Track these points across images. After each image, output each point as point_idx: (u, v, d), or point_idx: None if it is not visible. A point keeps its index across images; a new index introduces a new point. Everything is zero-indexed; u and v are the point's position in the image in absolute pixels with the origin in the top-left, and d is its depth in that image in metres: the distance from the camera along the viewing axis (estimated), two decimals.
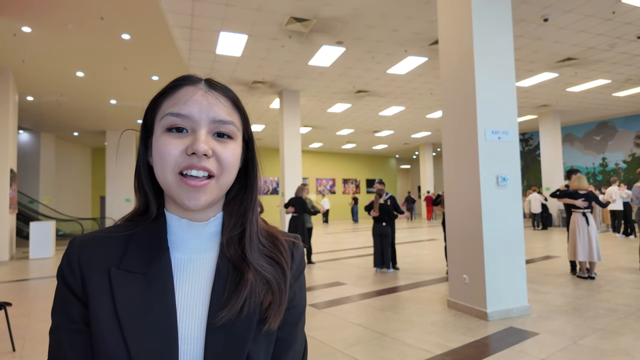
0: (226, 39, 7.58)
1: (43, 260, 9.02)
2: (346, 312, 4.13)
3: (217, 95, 0.59)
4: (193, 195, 0.54)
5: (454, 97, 4.02)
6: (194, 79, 0.60)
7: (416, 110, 14.20)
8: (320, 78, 10.19)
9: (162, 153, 0.55)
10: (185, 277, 0.58)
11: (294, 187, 11.46)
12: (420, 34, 7.63)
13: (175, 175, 0.54)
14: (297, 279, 0.64)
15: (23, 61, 8.46)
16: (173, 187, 0.55)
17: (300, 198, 7.34)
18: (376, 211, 6.40)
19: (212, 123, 0.57)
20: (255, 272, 0.59)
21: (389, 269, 6.40)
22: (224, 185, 0.58)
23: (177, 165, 0.54)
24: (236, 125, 0.59)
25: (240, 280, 0.57)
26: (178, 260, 0.58)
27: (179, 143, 0.55)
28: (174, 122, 0.56)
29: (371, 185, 27.36)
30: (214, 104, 0.58)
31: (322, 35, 7.58)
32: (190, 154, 0.54)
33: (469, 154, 3.82)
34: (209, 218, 0.60)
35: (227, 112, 0.59)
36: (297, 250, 0.66)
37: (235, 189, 0.64)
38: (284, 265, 0.62)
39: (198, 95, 0.57)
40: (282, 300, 0.59)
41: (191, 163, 0.54)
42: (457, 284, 4.06)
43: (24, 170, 15.68)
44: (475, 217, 3.77)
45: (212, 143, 0.56)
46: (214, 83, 0.61)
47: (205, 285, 0.58)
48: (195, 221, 0.59)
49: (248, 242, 0.60)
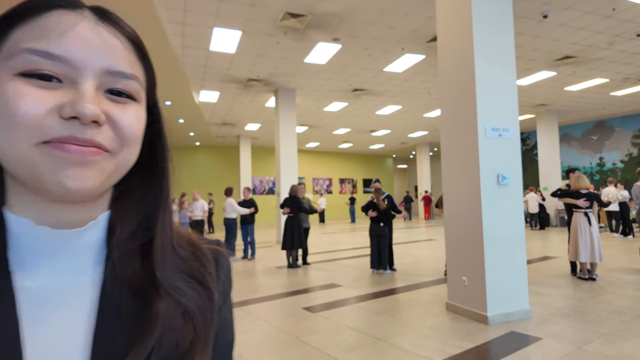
0: (220, 35, 7.42)
1: None
2: (341, 316, 4.00)
3: (115, 33, 0.37)
4: (74, 172, 0.33)
5: (453, 93, 3.90)
6: (72, 1, 0.37)
7: (413, 110, 14.09)
8: (316, 76, 10.05)
9: (8, 110, 0.32)
10: (43, 318, 0.35)
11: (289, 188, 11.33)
12: (418, 31, 7.51)
13: (35, 147, 0.33)
14: (225, 300, 0.47)
15: None
16: (30, 164, 0.33)
17: (296, 197, 7.21)
18: (377, 209, 6.25)
19: (105, 75, 0.35)
20: (170, 301, 0.39)
21: (385, 270, 6.27)
22: (123, 164, 0.38)
23: (40, 131, 0.33)
24: (140, 83, 0.39)
25: (145, 314, 0.37)
26: (28, 291, 0.35)
27: (45, 98, 0.33)
28: (37, 64, 0.33)
29: (368, 185, 27.26)
30: (110, 46, 0.36)
31: (317, 32, 7.44)
32: (68, 117, 0.33)
33: (469, 152, 3.70)
34: (87, 221, 0.38)
35: (129, 60, 0.38)
36: (222, 262, 0.48)
37: (133, 178, 0.43)
38: (210, 286, 0.43)
39: (84, 28, 0.35)
40: (208, 338, 0.41)
41: (71, 133, 0.33)
42: (456, 286, 3.93)
43: None
44: (475, 217, 3.64)
45: (105, 104, 0.36)
46: (108, 13, 0.38)
47: (82, 328, 0.36)
48: (63, 227, 0.37)
49: (159, 255, 0.41)
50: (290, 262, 7.13)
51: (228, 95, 11.75)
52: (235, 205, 8.04)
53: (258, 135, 18.69)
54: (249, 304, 4.59)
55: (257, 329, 3.64)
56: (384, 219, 6.27)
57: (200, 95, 11.64)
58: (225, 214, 8.24)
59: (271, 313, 4.18)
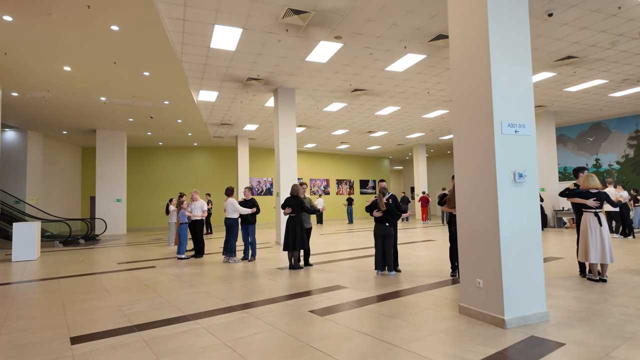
0: (220, 32, 7.26)
1: (26, 263, 8.58)
2: (349, 320, 3.85)
3: None
4: None
5: (466, 87, 3.77)
6: None
7: (411, 110, 14.01)
8: (316, 75, 9.92)
9: None
10: None
11: (290, 187, 11.16)
12: (421, 29, 7.40)
13: None
14: None
15: (5, 53, 8.04)
16: None
17: (297, 197, 7.05)
18: (382, 208, 6.10)
19: None
20: None
21: (390, 272, 6.13)
22: None
23: None
24: None
25: None
26: None
27: None
28: None
29: (365, 186, 27.15)
30: None
31: (319, 30, 7.31)
32: None
33: (484, 149, 3.57)
34: None
35: None
36: None
37: None
38: None
39: None
40: None
41: None
42: (469, 288, 3.80)
43: (9, 170, 15.12)
44: (490, 216, 3.52)
45: None
46: None
47: None
48: None
49: None
50: (292, 263, 6.98)
51: (227, 95, 11.57)
52: (236, 205, 7.86)
53: (256, 135, 18.51)
54: (253, 306, 4.43)
55: (265, 334, 3.48)
56: (389, 219, 6.14)
57: (199, 94, 11.45)
58: (226, 214, 8.05)
59: (277, 317, 4.02)
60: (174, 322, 3.93)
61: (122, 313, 4.32)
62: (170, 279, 6.35)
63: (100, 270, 7.45)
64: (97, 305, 4.74)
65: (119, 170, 16.57)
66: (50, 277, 6.82)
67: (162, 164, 20.99)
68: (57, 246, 12.01)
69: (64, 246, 12.18)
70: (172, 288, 5.61)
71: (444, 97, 12.34)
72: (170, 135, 17.59)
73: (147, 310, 4.44)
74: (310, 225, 7.40)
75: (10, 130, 15.32)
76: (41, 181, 16.56)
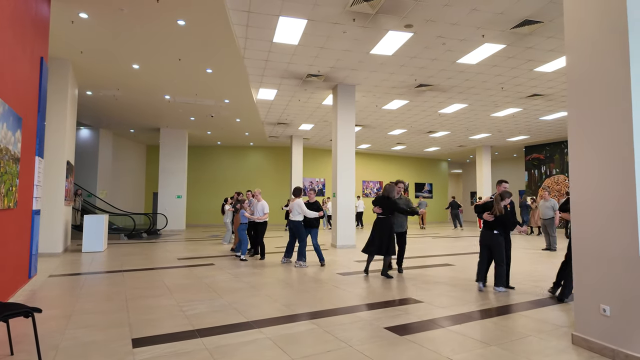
0: (284, 25, 6.98)
1: (94, 254, 8.91)
2: (436, 343, 3.29)
3: None
4: None
5: (593, 68, 3.07)
6: None
7: (479, 108, 12.96)
8: (379, 69, 9.38)
9: None
10: None
11: (347, 188, 10.70)
12: (505, 14, 6.60)
13: None
14: None
15: (81, 52, 8.39)
16: None
17: (389, 198, 6.44)
18: (499, 213, 5.25)
19: None
20: None
21: (497, 287, 5.27)
22: None
23: None
24: None
25: None
26: None
27: None
28: None
29: (420, 189, 25.99)
30: None
31: (389, 18, 6.77)
32: None
33: (616, 139, 2.85)
34: None
35: None
36: None
37: None
38: None
39: None
40: None
41: None
42: (589, 315, 3.08)
43: (83, 165, 16.18)
44: (627, 229, 2.79)
45: None
46: None
47: None
48: None
49: None
50: (368, 267, 6.50)
51: (285, 93, 11.38)
52: (303, 207, 7.34)
53: (310, 135, 18.30)
54: (320, 316, 4.01)
55: (339, 352, 3.03)
56: (499, 227, 5.29)
57: (259, 93, 11.37)
58: (291, 215, 7.55)
59: (349, 332, 3.56)
60: (237, 329, 3.61)
61: (183, 314, 4.10)
62: (230, 278, 6.14)
63: (161, 265, 7.48)
64: (159, 303, 4.58)
65: (180, 168, 17.13)
66: (116, 269, 6.92)
67: (219, 163, 21.50)
68: (122, 239, 12.54)
69: (129, 239, 12.69)
70: (232, 289, 5.37)
71: (519, 94, 11.22)
72: (229, 134, 17.89)
73: (209, 311, 4.19)
74: (403, 229, 6.79)
75: (85, 128, 16.39)
76: (110, 177, 17.58)
